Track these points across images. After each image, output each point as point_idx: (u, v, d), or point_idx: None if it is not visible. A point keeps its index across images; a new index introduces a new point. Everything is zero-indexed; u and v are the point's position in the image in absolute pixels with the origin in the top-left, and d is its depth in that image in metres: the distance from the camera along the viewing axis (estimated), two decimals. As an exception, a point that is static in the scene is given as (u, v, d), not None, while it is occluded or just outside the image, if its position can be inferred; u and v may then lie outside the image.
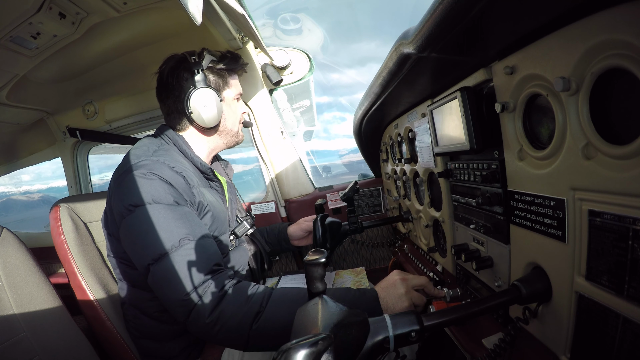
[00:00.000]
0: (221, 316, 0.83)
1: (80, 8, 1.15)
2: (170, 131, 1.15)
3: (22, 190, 3.41)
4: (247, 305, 0.84)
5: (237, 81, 1.23)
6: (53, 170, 2.14)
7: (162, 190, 0.94)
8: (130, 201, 0.93)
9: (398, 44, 0.75)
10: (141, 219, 0.91)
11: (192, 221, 0.96)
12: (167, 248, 0.88)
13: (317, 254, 0.58)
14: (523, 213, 0.67)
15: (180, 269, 0.86)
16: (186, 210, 0.96)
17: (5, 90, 1.48)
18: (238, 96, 1.23)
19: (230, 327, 0.83)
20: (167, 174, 0.97)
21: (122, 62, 1.65)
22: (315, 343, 0.40)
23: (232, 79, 1.20)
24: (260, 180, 2.06)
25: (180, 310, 0.86)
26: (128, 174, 0.96)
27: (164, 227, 0.90)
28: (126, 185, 0.94)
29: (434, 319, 0.60)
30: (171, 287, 0.86)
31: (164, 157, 1.01)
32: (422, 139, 1.16)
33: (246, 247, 1.31)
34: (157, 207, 0.92)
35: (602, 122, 0.49)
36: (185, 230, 0.91)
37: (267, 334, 0.83)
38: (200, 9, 0.69)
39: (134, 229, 0.92)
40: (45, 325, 1.01)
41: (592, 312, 0.52)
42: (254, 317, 0.83)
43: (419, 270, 1.36)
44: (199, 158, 1.14)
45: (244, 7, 1.20)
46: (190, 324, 0.86)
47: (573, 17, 0.48)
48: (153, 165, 0.97)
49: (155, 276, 0.89)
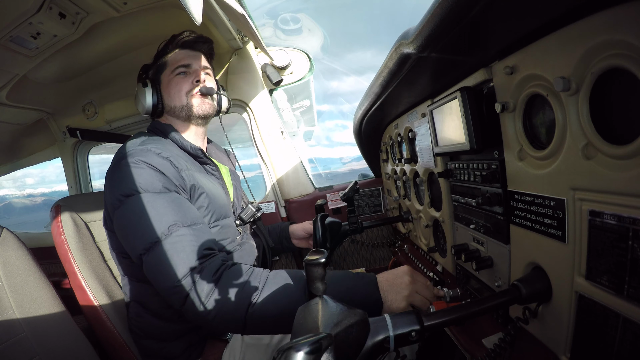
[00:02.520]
0: (217, 301, 0.83)
1: (80, 8, 1.15)
2: (157, 121, 1.21)
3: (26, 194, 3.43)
4: (242, 289, 0.84)
5: (175, 55, 1.20)
6: (57, 174, 2.15)
7: (149, 177, 0.95)
8: (120, 191, 0.94)
9: (398, 44, 0.75)
10: (131, 209, 0.92)
11: (182, 206, 0.96)
12: (158, 236, 0.88)
13: (317, 254, 0.58)
14: (523, 213, 0.67)
15: (171, 256, 0.86)
16: (175, 197, 0.97)
17: (5, 90, 1.48)
18: (176, 70, 1.18)
19: (227, 310, 0.82)
20: (154, 160, 0.98)
21: (122, 62, 1.65)
22: (315, 342, 0.40)
23: (172, 55, 1.20)
24: (261, 187, 2.06)
25: (175, 297, 0.86)
26: (116, 165, 0.99)
27: (153, 215, 0.90)
28: (116, 177, 0.97)
29: (434, 319, 0.60)
30: (164, 275, 0.86)
31: (151, 145, 1.03)
32: (422, 139, 1.16)
33: (253, 245, 1.30)
34: (145, 196, 0.92)
35: (602, 122, 0.49)
36: (174, 217, 0.91)
37: (265, 317, 0.82)
38: (200, 9, 0.69)
39: (125, 220, 0.94)
40: (45, 325, 1.01)
41: (592, 312, 0.52)
42: (250, 300, 0.82)
43: (418, 270, 1.36)
44: (188, 142, 1.15)
45: (244, 7, 1.20)
46: (187, 311, 0.86)
47: (573, 17, 0.48)
48: (139, 152, 0.98)
49: (148, 266, 0.90)
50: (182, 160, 1.07)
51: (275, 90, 2.01)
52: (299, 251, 1.92)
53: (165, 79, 1.19)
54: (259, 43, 1.56)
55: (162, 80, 1.20)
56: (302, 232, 1.46)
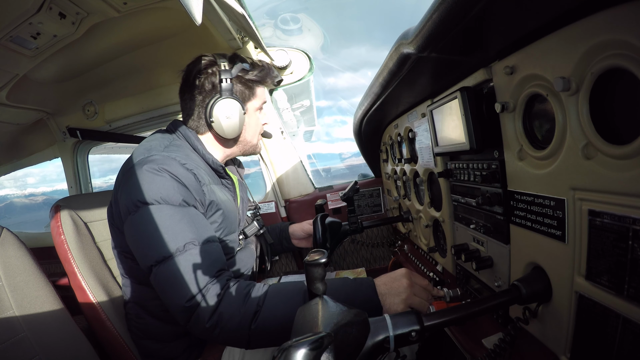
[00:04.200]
0: (220, 319, 0.83)
1: (80, 8, 1.15)
2: (184, 127, 1.12)
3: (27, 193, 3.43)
4: (244, 306, 0.84)
5: (263, 90, 1.20)
6: (58, 173, 2.15)
7: (171, 189, 0.92)
8: (138, 197, 0.91)
9: (398, 44, 0.75)
10: (147, 218, 0.90)
11: (199, 224, 0.94)
12: (172, 251, 0.87)
13: (317, 255, 0.58)
14: (523, 213, 0.67)
15: (183, 274, 0.86)
16: (193, 212, 0.95)
17: (5, 90, 1.48)
18: (262, 106, 1.19)
19: (230, 328, 0.83)
20: (178, 170, 0.95)
21: (122, 62, 1.65)
22: (315, 341, 0.40)
23: (259, 89, 1.17)
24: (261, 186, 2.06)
25: (181, 315, 0.86)
26: (137, 168, 0.94)
27: (170, 229, 0.89)
28: (135, 180, 0.92)
29: (434, 319, 0.60)
30: (174, 291, 0.86)
31: (175, 153, 0.99)
32: (422, 139, 1.16)
33: (253, 249, 1.30)
34: (164, 208, 0.90)
35: (602, 122, 0.49)
36: (191, 235, 0.90)
37: (267, 332, 0.82)
38: (200, 9, 0.69)
39: (140, 227, 0.91)
40: (45, 325, 1.01)
41: (592, 312, 0.52)
42: (252, 317, 0.83)
43: (419, 270, 1.36)
44: (211, 155, 1.11)
45: (244, 7, 1.20)
46: (192, 328, 0.86)
47: (573, 17, 0.48)
48: (164, 160, 0.95)
49: (157, 277, 0.89)
50: (203, 173, 1.05)
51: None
52: (299, 251, 1.92)
53: (250, 110, 1.15)
54: (259, 43, 1.56)
55: (247, 109, 1.14)
56: (302, 232, 1.46)
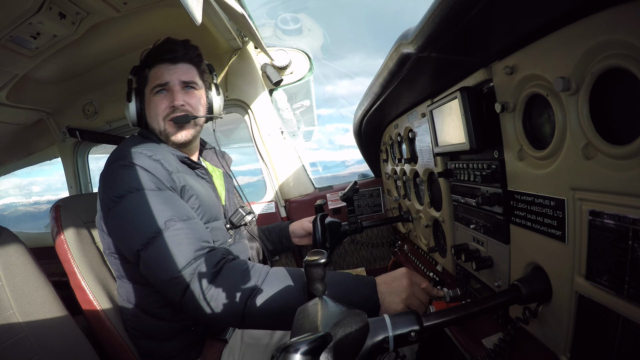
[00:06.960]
0: (217, 292, 0.83)
1: (80, 8, 1.15)
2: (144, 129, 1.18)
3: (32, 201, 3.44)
4: (243, 281, 0.84)
5: (156, 70, 1.11)
6: (63, 182, 2.20)
7: (141, 178, 0.96)
8: (113, 192, 0.95)
9: (398, 44, 0.75)
10: (126, 207, 0.93)
11: (176, 203, 0.97)
12: (155, 231, 0.89)
13: (317, 255, 0.58)
14: (523, 213, 0.67)
15: (169, 249, 0.87)
16: (169, 194, 0.98)
17: (5, 90, 1.48)
18: (155, 89, 1.11)
19: (226, 303, 0.83)
20: (145, 162, 0.99)
21: (122, 62, 1.65)
22: (314, 341, 0.40)
23: (153, 70, 1.12)
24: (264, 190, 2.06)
25: (174, 289, 0.86)
26: (107, 168, 1.00)
27: (149, 212, 0.91)
28: (109, 178, 0.99)
29: (434, 319, 0.60)
30: (163, 268, 0.87)
31: (142, 147, 1.03)
32: (422, 139, 1.16)
33: (246, 243, 1.30)
34: (139, 195, 0.93)
35: (602, 122, 0.49)
36: (169, 213, 0.92)
37: (263, 312, 0.82)
38: (200, 9, 0.69)
39: (121, 219, 0.95)
40: (45, 325, 1.01)
41: (592, 312, 0.52)
42: (249, 293, 0.83)
43: (419, 270, 1.36)
44: (175, 150, 1.13)
45: (244, 7, 1.20)
46: (186, 303, 0.86)
47: (573, 17, 0.48)
48: (131, 155, 0.99)
49: (146, 262, 0.90)
50: (173, 162, 1.07)
51: (275, 90, 2.01)
52: (298, 250, 1.92)
53: (147, 96, 1.14)
54: (259, 43, 1.56)
55: (146, 94, 1.15)
56: (301, 230, 1.46)
